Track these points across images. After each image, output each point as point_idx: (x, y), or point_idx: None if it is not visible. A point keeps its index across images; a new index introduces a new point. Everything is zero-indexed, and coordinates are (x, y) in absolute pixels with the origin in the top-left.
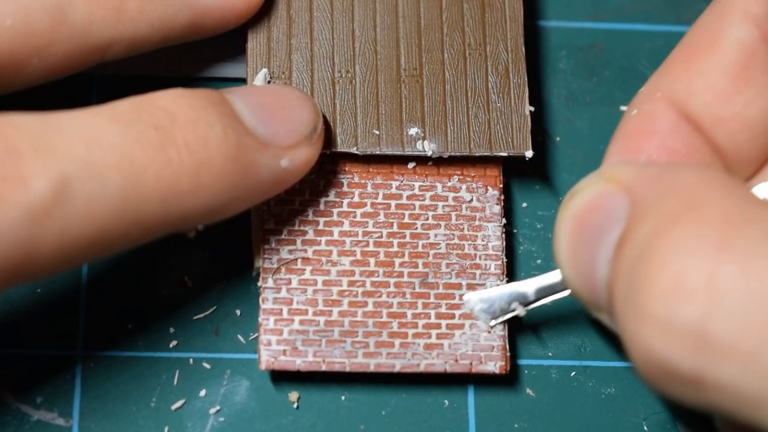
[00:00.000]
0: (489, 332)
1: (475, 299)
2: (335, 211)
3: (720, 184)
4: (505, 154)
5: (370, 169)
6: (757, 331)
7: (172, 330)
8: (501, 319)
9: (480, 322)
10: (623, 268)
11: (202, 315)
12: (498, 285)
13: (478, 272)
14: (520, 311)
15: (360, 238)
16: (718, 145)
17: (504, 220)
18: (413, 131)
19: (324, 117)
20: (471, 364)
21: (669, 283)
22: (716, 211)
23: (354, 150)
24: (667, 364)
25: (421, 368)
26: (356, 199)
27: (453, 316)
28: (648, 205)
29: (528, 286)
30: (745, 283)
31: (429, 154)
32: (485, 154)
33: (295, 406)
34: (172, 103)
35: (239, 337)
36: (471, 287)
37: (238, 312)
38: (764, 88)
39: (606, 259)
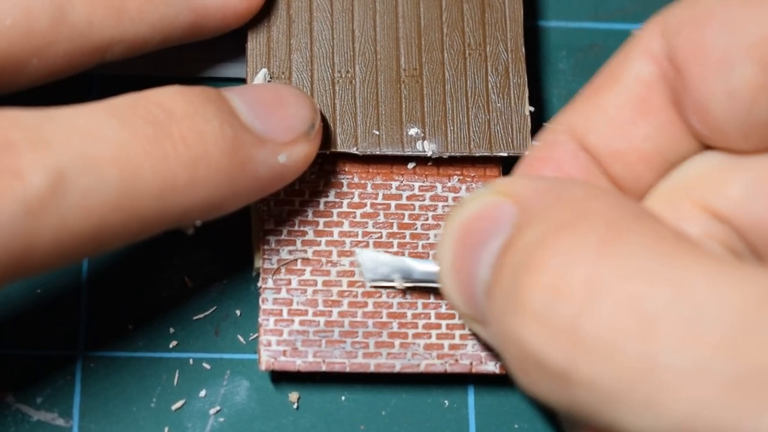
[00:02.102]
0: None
1: (365, 255)
2: (335, 211)
3: (606, 197)
4: (505, 155)
5: (370, 170)
6: (622, 328)
7: (172, 330)
8: (379, 283)
9: (361, 277)
10: (506, 271)
11: (202, 315)
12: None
13: None
14: (398, 284)
15: (360, 238)
16: (615, 176)
17: None
18: (413, 131)
19: (322, 116)
20: (471, 364)
21: (550, 281)
22: (600, 220)
23: (354, 150)
24: (540, 358)
25: (421, 368)
26: (356, 199)
27: (453, 317)
28: (535, 213)
29: (417, 265)
30: (617, 285)
31: (429, 154)
32: (485, 154)
33: (295, 406)
34: (168, 99)
35: (239, 337)
36: None
37: (238, 312)
38: (662, 122)
39: (488, 264)
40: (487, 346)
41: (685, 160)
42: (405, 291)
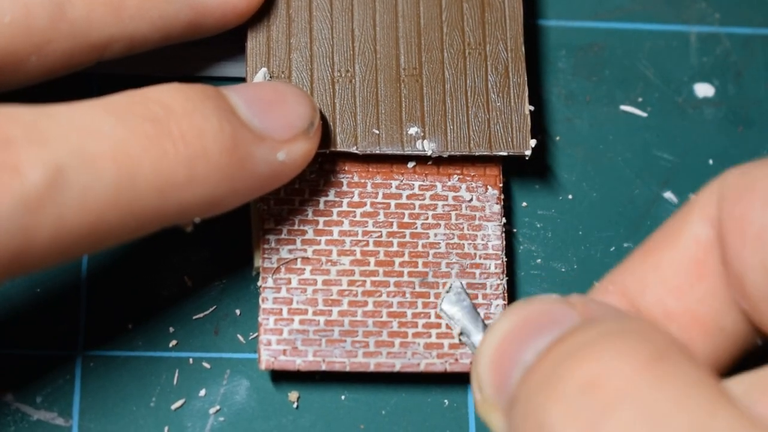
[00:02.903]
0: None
1: (454, 289)
2: (335, 210)
3: (667, 333)
4: (504, 154)
5: (370, 169)
6: None
7: (171, 329)
8: (444, 315)
9: (442, 301)
10: (551, 357)
11: (201, 315)
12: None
13: (477, 271)
14: (455, 332)
15: (360, 237)
16: None
17: (504, 220)
18: (413, 130)
19: (322, 114)
20: (471, 363)
21: (589, 374)
22: (659, 343)
23: (354, 149)
24: (554, 427)
25: (421, 368)
26: (356, 198)
27: None
28: (596, 320)
29: (478, 334)
30: (647, 399)
31: (429, 153)
32: (485, 153)
33: (294, 405)
34: (167, 96)
35: (239, 336)
36: (471, 286)
37: (237, 312)
38: (716, 286)
39: (535, 351)
40: None
41: (743, 336)
42: (405, 290)
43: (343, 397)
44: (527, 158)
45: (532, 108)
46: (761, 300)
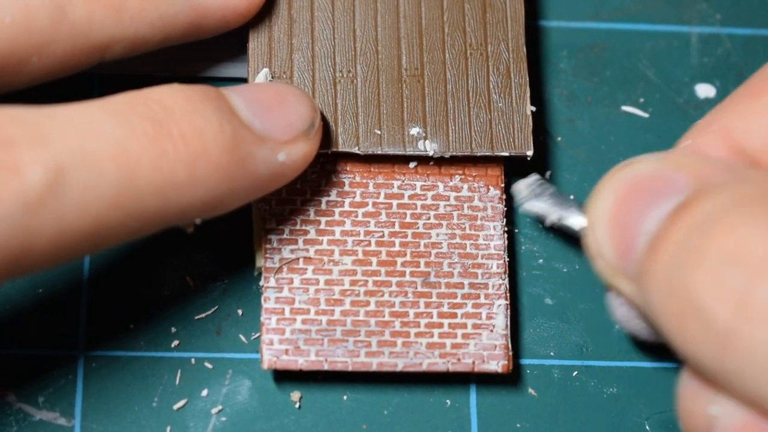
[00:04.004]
0: (491, 329)
1: (526, 185)
2: (337, 210)
3: None
4: (506, 154)
5: (372, 169)
6: None
7: (173, 330)
8: (531, 209)
9: (519, 196)
10: (683, 227)
11: (203, 315)
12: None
13: (479, 271)
14: (548, 221)
15: (362, 237)
16: None
17: (505, 220)
18: (415, 131)
19: (323, 115)
20: (473, 363)
21: (734, 246)
22: None
23: (355, 150)
24: (706, 314)
25: (424, 367)
26: (358, 198)
27: (455, 316)
28: (718, 186)
29: (574, 213)
30: None
31: (430, 153)
32: (487, 154)
33: (297, 405)
34: (167, 97)
35: (241, 336)
36: (473, 286)
37: (239, 312)
38: None
39: (656, 219)
40: (489, 345)
41: None
42: (407, 290)
43: (345, 397)
44: (529, 159)
45: (533, 108)
46: None
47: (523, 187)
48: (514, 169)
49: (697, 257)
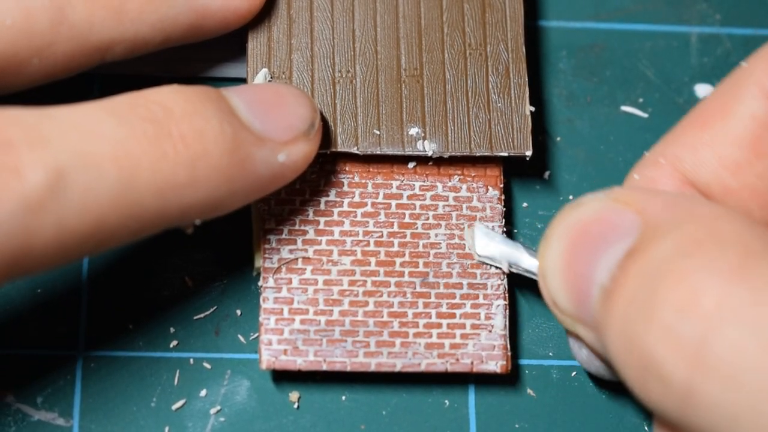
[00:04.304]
0: (490, 330)
1: (480, 230)
2: (336, 210)
3: (738, 219)
4: (505, 155)
5: (371, 169)
6: (747, 354)
7: (172, 330)
8: (486, 260)
9: (470, 244)
10: (635, 280)
11: (202, 315)
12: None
13: (478, 272)
14: (505, 267)
15: (360, 237)
16: None
17: (504, 220)
18: (414, 131)
19: (322, 115)
20: (472, 363)
21: (684, 296)
22: (736, 243)
23: (354, 150)
24: (663, 372)
25: (422, 368)
26: (357, 198)
27: (454, 316)
28: (667, 226)
29: (526, 256)
30: (747, 311)
31: (429, 154)
32: (486, 154)
33: (295, 406)
34: (167, 98)
35: (240, 336)
36: (471, 287)
37: (238, 312)
38: None
39: (607, 269)
40: (488, 346)
41: None
42: (406, 290)
43: (343, 398)
44: (528, 159)
45: (532, 109)
46: None
47: (479, 234)
48: (513, 169)
49: (649, 311)
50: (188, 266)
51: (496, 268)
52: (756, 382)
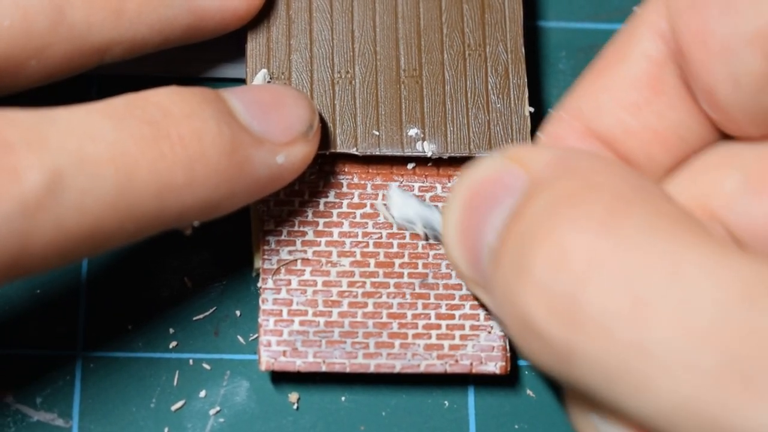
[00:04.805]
0: (490, 332)
1: (395, 192)
2: (335, 212)
3: (616, 168)
4: None
5: (370, 170)
6: (616, 308)
7: (171, 331)
8: (403, 224)
9: (384, 210)
10: (512, 238)
11: (201, 316)
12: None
13: None
14: (419, 230)
15: (360, 239)
16: (630, 157)
17: None
18: (413, 132)
19: (321, 117)
20: (471, 364)
21: (553, 253)
22: (608, 192)
23: (353, 151)
24: (541, 331)
25: (422, 369)
26: (356, 199)
27: (453, 317)
28: (545, 182)
29: (438, 220)
30: (615, 261)
31: (429, 154)
32: (485, 155)
33: (295, 407)
34: (165, 99)
35: (239, 337)
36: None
37: (237, 313)
38: (675, 100)
39: (494, 229)
40: (487, 347)
41: (704, 142)
42: (405, 292)
43: (343, 399)
44: None
45: (532, 109)
46: (733, 108)
47: (394, 197)
48: None
49: (524, 270)
50: (188, 267)
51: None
52: (625, 335)
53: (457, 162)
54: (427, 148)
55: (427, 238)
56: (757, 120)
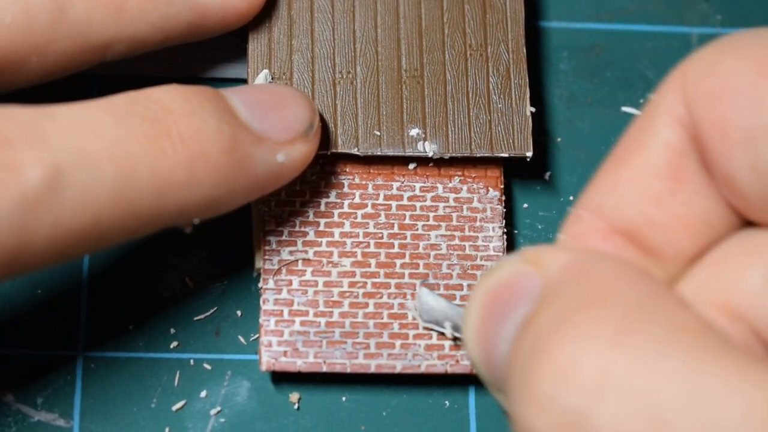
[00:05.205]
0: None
1: (425, 295)
2: (336, 212)
3: (632, 277)
4: (506, 155)
5: (371, 170)
6: (633, 426)
7: (172, 331)
8: (432, 326)
9: (416, 314)
10: (523, 348)
11: (202, 316)
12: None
13: (479, 273)
14: (448, 332)
15: (361, 239)
16: (655, 248)
17: (504, 221)
18: (414, 132)
19: (321, 116)
20: (472, 364)
21: (561, 367)
22: (621, 304)
23: (355, 151)
24: None
25: (422, 369)
26: (357, 200)
27: None
28: (558, 289)
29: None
30: (630, 379)
31: (430, 155)
32: (486, 155)
33: (295, 407)
34: (166, 97)
35: (240, 338)
36: (472, 288)
37: (238, 313)
38: (699, 186)
39: (508, 338)
40: None
41: (731, 227)
42: (406, 292)
43: (344, 399)
44: (528, 160)
45: (533, 109)
46: (754, 197)
47: (424, 297)
48: (513, 170)
49: (530, 382)
50: (189, 267)
51: (441, 333)
52: None
53: (459, 162)
54: (429, 149)
55: (455, 339)
56: None
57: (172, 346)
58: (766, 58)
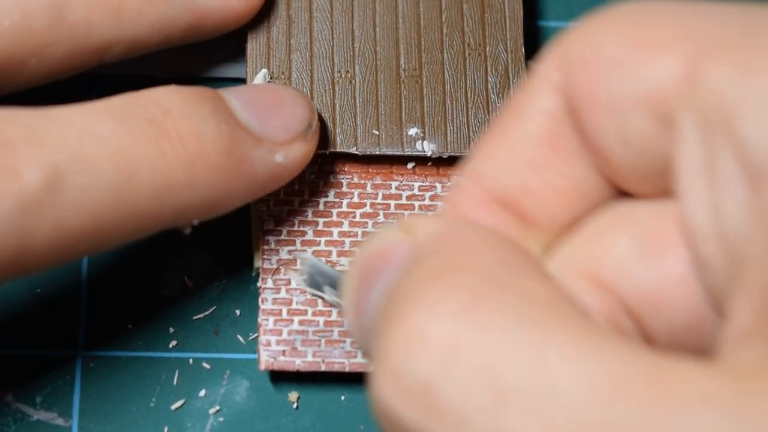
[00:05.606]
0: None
1: (309, 262)
2: (335, 211)
3: (496, 248)
4: None
5: (370, 170)
6: (476, 398)
7: (171, 330)
8: (315, 292)
9: (299, 281)
10: (383, 316)
11: (201, 315)
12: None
13: None
14: (328, 297)
15: (359, 238)
16: (531, 217)
17: None
18: (413, 131)
19: (320, 116)
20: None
21: (410, 337)
22: (477, 274)
23: (353, 150)
24: (397, 418)
25: None
26: (356, 199)
27: None
28: (422, 257)
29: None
30: (479, 349)
31: (428, 154)
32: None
33: (294, 406)
34: (165, 98)
35: (239, 337)
36: None
37: (237, 312)
38: (575, 155)
39: (374, 305)
40: None
41: (605, 197)
42: None
43: (342, 398)
44: None
45: None
46: (622, 166)
47: (312, 262)
48: None
49: (383, 353)
50: (188, 266)
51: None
52: (485, 426)
53: (457, 161)
54: (427, 148)
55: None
56: (647, 178)
57: (171, 346)
58: (638, 28)
